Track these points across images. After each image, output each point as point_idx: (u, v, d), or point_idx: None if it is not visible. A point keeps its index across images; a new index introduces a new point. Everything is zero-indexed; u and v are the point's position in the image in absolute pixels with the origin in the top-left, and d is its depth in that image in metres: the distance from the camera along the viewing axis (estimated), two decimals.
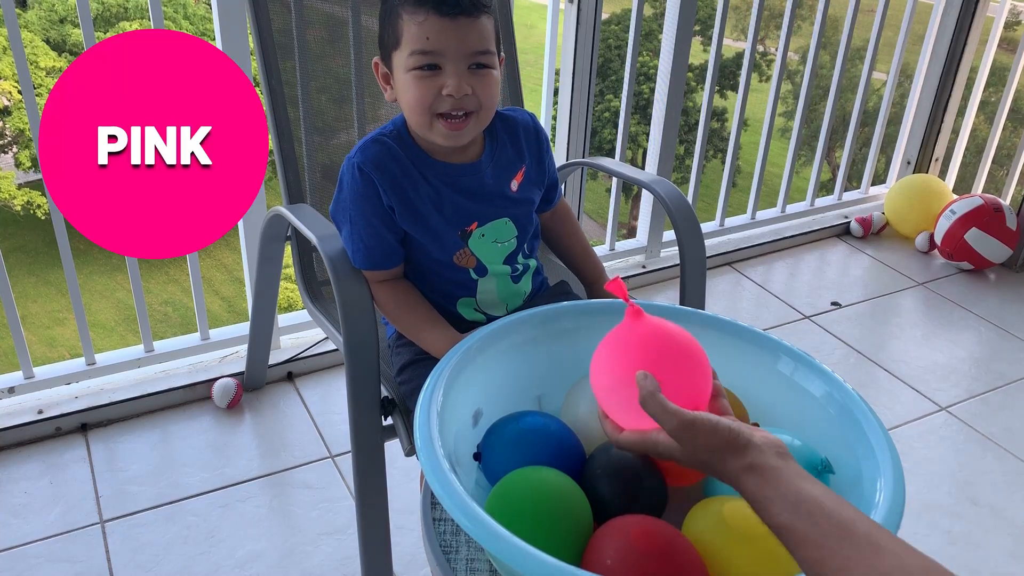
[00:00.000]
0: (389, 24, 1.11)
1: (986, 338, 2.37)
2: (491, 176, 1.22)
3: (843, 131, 2.96)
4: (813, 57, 2.64)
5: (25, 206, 12.94)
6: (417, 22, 1.07)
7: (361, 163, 1.16)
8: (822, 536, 0.65)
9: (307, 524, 1.66)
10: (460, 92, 1.09)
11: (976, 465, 1.91)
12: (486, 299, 1.25)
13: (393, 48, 1.12)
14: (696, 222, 1.53)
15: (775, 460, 0.71)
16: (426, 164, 1.18)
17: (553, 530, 0.80)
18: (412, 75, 1.10)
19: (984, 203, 2.63)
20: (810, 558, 0.65)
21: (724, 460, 0.72)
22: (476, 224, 1.21)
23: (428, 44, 1.07)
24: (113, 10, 13.99)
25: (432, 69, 1.09)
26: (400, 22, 1.09)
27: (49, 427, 1.81)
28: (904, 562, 0.62)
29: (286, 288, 10.13)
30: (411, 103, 1.12)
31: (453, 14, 1.07)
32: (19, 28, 1.65)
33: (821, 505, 0.67)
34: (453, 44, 1.08)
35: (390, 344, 1.34)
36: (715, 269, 2.61)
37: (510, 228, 1.24)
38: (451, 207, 1.19)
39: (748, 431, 0.73)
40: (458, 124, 1.12)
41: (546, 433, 0.91)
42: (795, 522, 0.66)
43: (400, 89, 1.13)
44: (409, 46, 1.09)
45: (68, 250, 1.81)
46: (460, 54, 1.09)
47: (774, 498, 0.68)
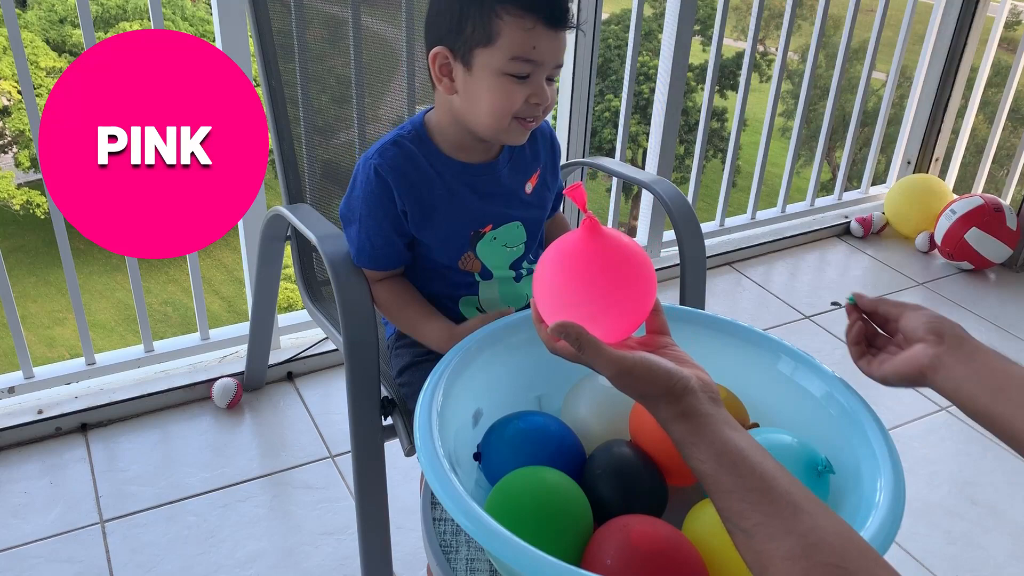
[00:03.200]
0: (479, 18, 1.06)
1: (986, 338, 2.37)
2: (507, 177, 1.22)
3: (843, 131, 2.96)
4: (813, 57, 2.64)
5: (25, 206, 12.95)
6: (525, 29, 1.05)
7: (379, 165, 1.15)
8: (744, 489, 0.66)
9: (307, 524, 1.66)
10: (546, 101, 1.11)
11: (976, 465, 1.91)
12: (489, 299, 1.25)
13: (481, 44, 1.07)
14: (696, 222, 1.53)
15: (707, 407, 0.71)
16: (444, 164, 1.18)
17: (553, 530, 0.80)
18: (505, 80, 1.07)
19: (984, 203, 2.63)
20: (730, 509, 0.66)
21: (657, 405, 0.72)
22: (490, 226, 1.21)
23: (534, 53, 1.06)
24: (113, 11, 13.99)
25: (526, 78, 1.08)
26: (498, 21, 1.05)
27: (49, 427, 1.81)
28: (819, 522, 0.63)
29: (286, 288, 10.14)
30: (496, 106, 1.10)
31: (559, 27, 1.07)
32: (19, 28, 1.65)
33: (745, 457, 0.67)
34: (552, 55, 1.08)
35: (390, 345, 1.34)
36: (715, 269, 2.61)
37: (520, 233, 1.24)
38: (466, 208, 1.19)
39: (685, 377, 0.72)
40: (531, 124, 1.14)
41: (546, 433, 0.91)
42: (718, 471, 0.67)
43: (481, 88, 1.09)
44: (509, 50, 1.06)
45: (68, 250, 1.81)
46: (551, 65, 1.09)
47: (700, 444, 0.69)
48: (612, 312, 0.76)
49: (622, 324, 0.77)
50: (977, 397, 0.78)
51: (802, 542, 0.62)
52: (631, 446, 0.90)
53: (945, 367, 0.81)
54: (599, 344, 0.73)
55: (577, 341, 0.73)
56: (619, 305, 0.76)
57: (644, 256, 0.78)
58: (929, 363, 0.82)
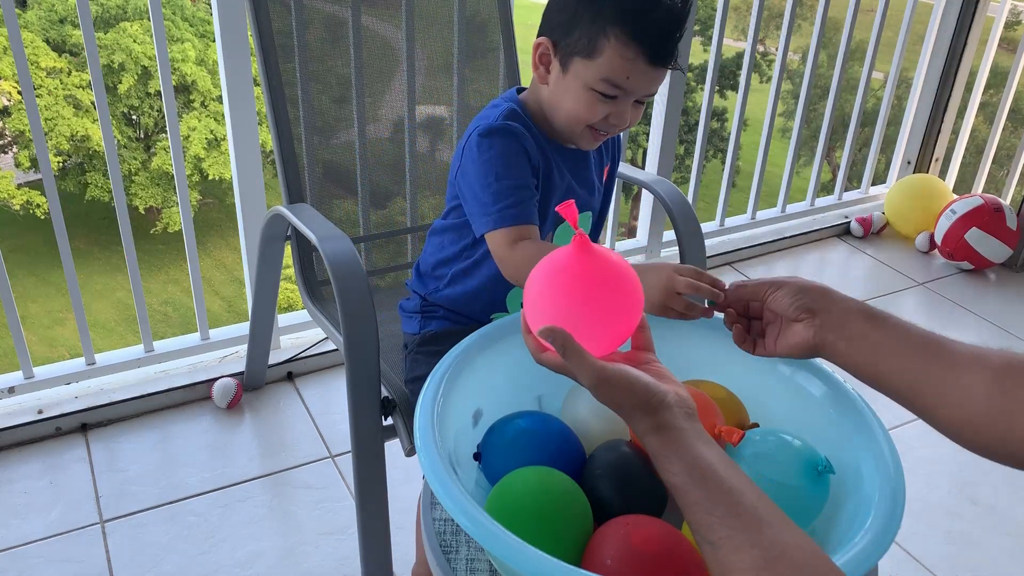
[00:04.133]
0: (589, 28, 1.07)
1: (986, 338, 2.37)
2: (595, 166, 1.25)
3: (843, 131, 2.96)
4: (813, 57, 2.63)
5: (25, 206, 12.94)
6: (625, 57, 1.05)
7: (508, 128, 1.13)
8: (711, 503, 0.67)
9: (307, 524, 1.66)
10: (624, 125, 1.12)
11: (976, 465, 1.91)
12: None
13: (582, 54, 1.08)
14: (696, 222, 1.53)
15: (682, 421, 0.72)
16: (550, 144, 1.18)
17: (553, 530, 0.80)
18: (592, 95, 1.09)
19: (984, 203, 2.63)
20: (699, 523, 0.67)
21: (634, 417, 0.73)
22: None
23: (627, 83, 1.07)
24: (113, 11, 13.99)
25: (613, 99, 1.09)
26: (604, 39, 1.06)
27: (49, 427, 1.81)
28: (783, 537, 0.64)
29: (286, 288, 10.14)
30: (575, 114, 1.12)
31: (658, 65, 1.07)
32: (19, 28, 1.65)
33: (715, 471, 0.68)
34: (643, 87, 1.09)
35: (408, 344, 1.32)
36: (715, 269, 2.61)
37: (588, 224, 1.27)
38: (564, 191, 1.20)
39: (662, 392, 0.73)
40: (604, 136, 1.16)
41: (546, 433, 0.91)
42: (689, 484, 0.68)
43: (566, 90, 1.11)
44: (604, 70, 1.07)
45: (68, 250, 1.81)
46: (642, 94, 1.11)
47: (672, 458, 0.70)
48: (598, 327, 0.77)
49: (608, 339, 0.78)
50: (860, 367, 0.83)
51: (765, 555, 0.63)
52: (631, 446, 0.90)
53: (827, 344, 0.84)
54: (583, 352, 0.74)
55: (563, 346, 0.74)
56: (606, 320, 0.78)
57: (633, 274, 0.79)
58: (813, 343, 0.85)
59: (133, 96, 13.79)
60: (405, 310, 1.35)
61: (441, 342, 1.26)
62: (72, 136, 13.22)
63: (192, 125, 13.53)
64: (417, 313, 1.32)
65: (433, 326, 1.29)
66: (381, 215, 1.72)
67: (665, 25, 1.05)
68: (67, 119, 13.12)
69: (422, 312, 1.31)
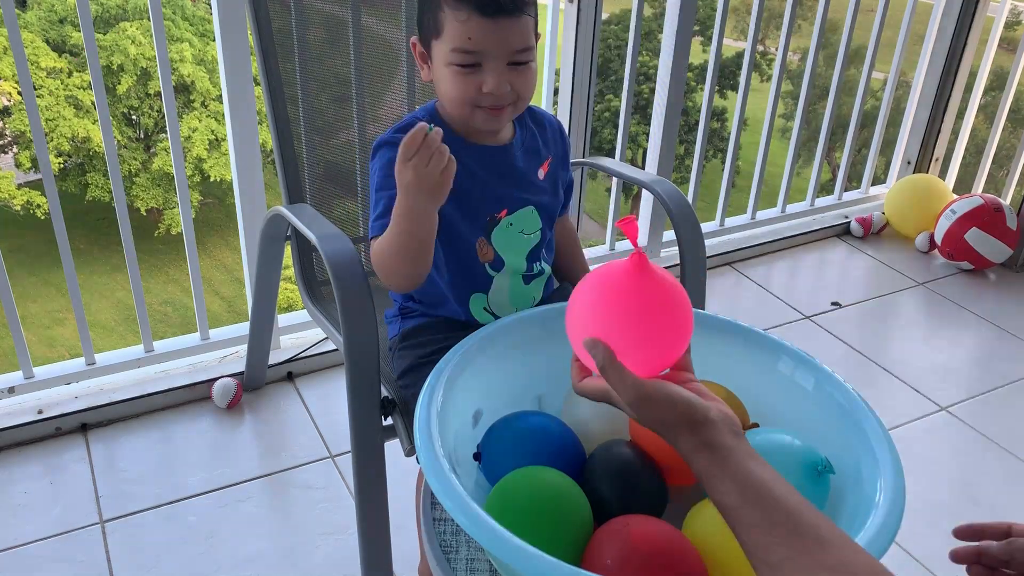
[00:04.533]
0: (429, 10, 1.10)
1: (986, 338, 2.37)
2: (521, 160, 1.23)
3: (843, 131, 2.96)
4: (813, 57, 2.64)
5: (25, 206, 12.95)
6: (460, 20, 1.06)
7: (396, 139, 1.11)
8: (769, 523, 0.65)
9: (307, 524, 1.66)
10: (500, 91, 1.09)
11: (976, 465, 1.91)
12: (497, 299, 1.25)
13: (432, 36, 1.11)
14: (696, 222, 1.53)
15: (729, 439, 0.70)
16: (462, 146, 1.17)
17: (553, 530, 0.80)
18: (452, 70, 1.09)
19: (984, 203, 2.63)
20: (755, 543, 0.65)
21: (678, 435, 0.71)
22: (506, 212, 1.21)
23: (470, 44, 1.07)
24: (113, 11, 13.98)
25: (472, 67, 1.08)
26: (441, 14, 1.08)
27: (49, 427, 1.81)
28: (849, 557, 0.63)
29: (286, 288, 10.13)
30: (451, 96, 1.12)
31: (496, 15, 1.06)
32: (19, 28, 1.65)
33: (770, 490, 0.67)
34: (495, 44, 1.07)
35: (392, 347, 1.34)
36: (715, 269, 2.61)
37: (535, 219, 1.24)
38: (484, 190, 1.19)
39: (704, 407, 0.72)
40: (497, 111, 1.13)
41: (546, 433, 0.91)
42: (742, 505, 0.67)
43: (438, 78, 1.13)
44: (450, 42, 1.08)
45: (68, 250, 1.81)
46: (501, 53, 1.08)
47: (723, 477, 0.68)
48: (645, 347, 0.76)
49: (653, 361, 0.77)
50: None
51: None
52: (631, 446, 0.90)
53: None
54: (622, 368, 0.73)
55: (603, 360, 0.73)
56: (653, 342, 0.76)
57: (686, 299, 0.78)
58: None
59: (133, 96, 13.79)
60: (388, 318, 1.36)
61: (419, 334, 1.27)
62: (73, 137, 13.23)
63: (193, 125, 13.53)
64: (396, 317, 1.33)
65: (410, 322, 1.31)
66: None
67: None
68: (68, 120, 13.12)
69: (401, 315, 1.32)
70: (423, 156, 0.97)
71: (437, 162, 0.98)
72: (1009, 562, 0.85)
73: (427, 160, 0.98)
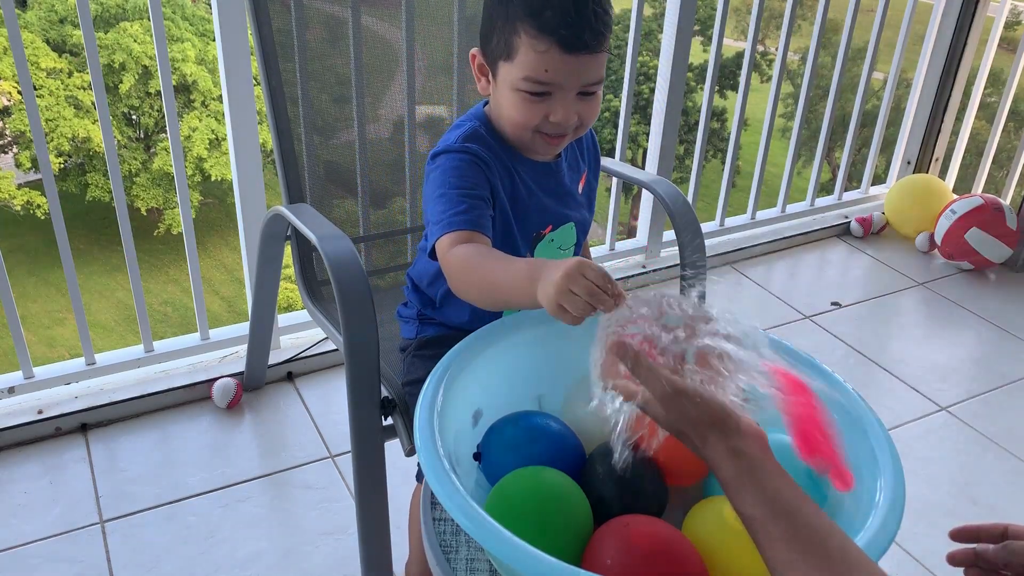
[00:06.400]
0: (503, 30, 1.05)
1: (986, 338, 2.37)
2: (567, 177, 1.21)
3: (843, 131, 2.96)
4: (813, 57, 2.64)
5: (25, 206, 12.95)
6: (538, 50, 1.02)
7: (470, 148, 1.10)
8: (797, 540, 0.65)
9: (307, 524, 1.66)
10: (567, 122, 1.07)
11: (976, 465, 1.91)
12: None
13: (502, 57, 1.06)
14: (696, 222, 1.53)
15: (758, 451, 0.71)
16: (516, 160, 1.15)
17: (553, 530, 0.80)
18: (521, 96, 1.06)
19: (984, 203, 2.63)
20: (781, 559, 0.66)
21: (706, 437, 0.71)
22: (550, 228, 1.19)
23: (545, 76, 1.03)
24: (113, 11, 13.98)
25: (542, 96, 1.05)
26: (517, 38, 1.03)
27: (49, 427, 1.81)
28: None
29: (286, 288, 10.14)
30: (514, 120, 1.09)
31: (577, 52, 1.02)
32: (19, 28, 1.65)
33: (799, 508, 0.67)
34: (570, 78, 1.04)
35: (405, 348, 1.31)
36: (715, 269, 2.61)
37: (572, 234, 1.22)
38: (534, 207, 1.16)
39: (738, 416, 0.72)
40: (558, 140, 1.11)
41: (546, 433, 0.91)
42: (768, 519, 0.67)
43: (502, 98, 1.09)
44: (523, 69, 1.04)
45: (68, 250, 1.81)
46: (573, 86, 1.05)
47: (751, 488, 0.68)
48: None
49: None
50: None
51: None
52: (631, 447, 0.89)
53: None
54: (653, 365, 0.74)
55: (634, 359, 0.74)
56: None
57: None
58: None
59: (133, 96, 13.80)
60: (403, 316, 1.34)
61: (437, 346, 1.25)
62: (73, 137, 13.23)
63: (193, 125, 13.53)
64: (414, 319, 1.31)
65: (430, 331, 1.29)
66: (381, 215, 1.72)
67: (571, 11, 1.00)
68: (68, 120, 13.12)
69: (419, 319, 1.30)
70: (588, 305, 0.82)
71: (588, 311, 0.83)
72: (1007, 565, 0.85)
73: (588, 310, 0.83)
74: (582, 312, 0.82)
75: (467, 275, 1.02)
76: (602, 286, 0.82)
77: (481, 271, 1.00)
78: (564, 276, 0.82)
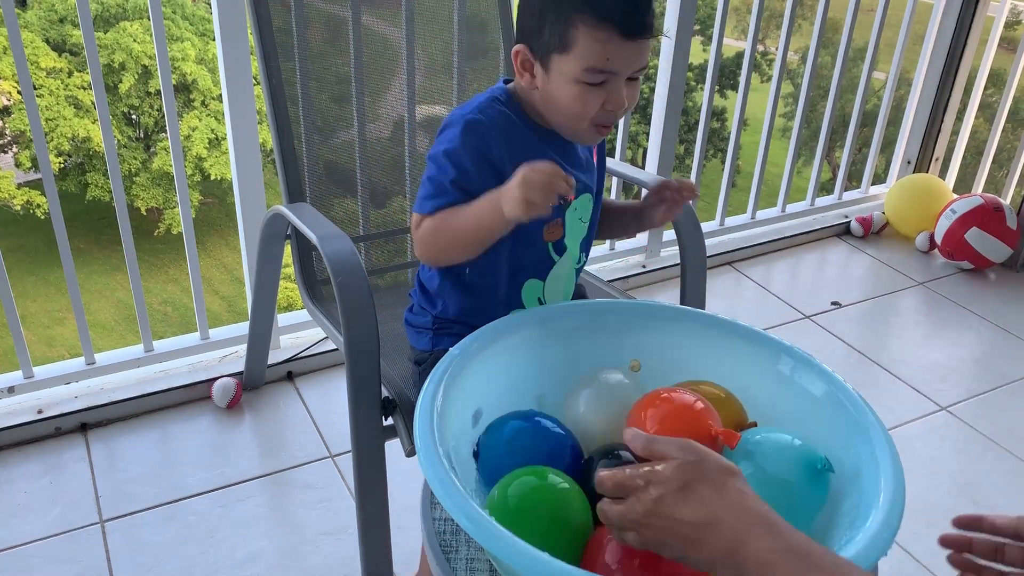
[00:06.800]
0: (555, 24, 1.07)
1: (986, 338, 2.37)
2: (582, 147, 1.23)
3: (843, 131, 2.96)
4: (813, 57, 2.64)
5: (25, 206, 12.95)
6: (599, 40, 1.05)
7: (475, 120, 1.13)
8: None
9: (307, 524, 1.66)
10: (622, 108, 1.10)
11: (976, 465, 1.91)
12: (554, 286, 1.22)
13: (557, 50, 1.08)
14: (696, 222, 1.53)
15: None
16: (540, 132, 1.17)
17: (553, 530, 0.80)
18: (580, 87, 1.08)
19: (984, 202, 2.63)
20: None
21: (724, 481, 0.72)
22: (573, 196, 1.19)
23: (607, 64, 1.06)
24: (113, 11, 13.98)
25: (601, 84, 1.08)
26: (574, 31, 1.06)
27: (49, 427, 1.81)
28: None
29: (286, 288, 10.14)
30: (573, 111, 1.11)
31: (636, 37, 1.06)
32: (19, 28, 1.65)
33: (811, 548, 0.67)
34: (628, 65, 1.08)
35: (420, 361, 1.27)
36: (715, 269, 2.61)
37: (590, 206, 1.24)
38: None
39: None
40: (608, 128, 1.14)
41: (544, 433, 0.91)
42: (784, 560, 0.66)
43: (558, 91, 1.11)
44: (584, 60, 1.06)
45: (68, 250, 1.81)
46: (629, 71, 1.09)
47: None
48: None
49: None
50: None
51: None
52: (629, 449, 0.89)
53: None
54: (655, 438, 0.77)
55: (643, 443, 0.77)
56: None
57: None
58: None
59: (133, 96, 13.79)
60: (413, 325, 1.29)
61: None
62: (73, 137, 13.23)
63: (193, 124, 13.53)
64: (428, 330, 1.27)
65: (446, 343, 1.20)
66: (381, 214, 1.72)
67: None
68: (68, 120, 13.12)
69: (434, 329, 1.26)
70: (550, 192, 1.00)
71: (552, 196, 1.00)
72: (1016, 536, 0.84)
73: (552, 197, 1.00)
74: (547, 200, 0.99)
75: (439, 236, 1.12)
76: (553, 173, 0.99)
77: (450, 225, 1.11)
78: (520, 181, 1.00)
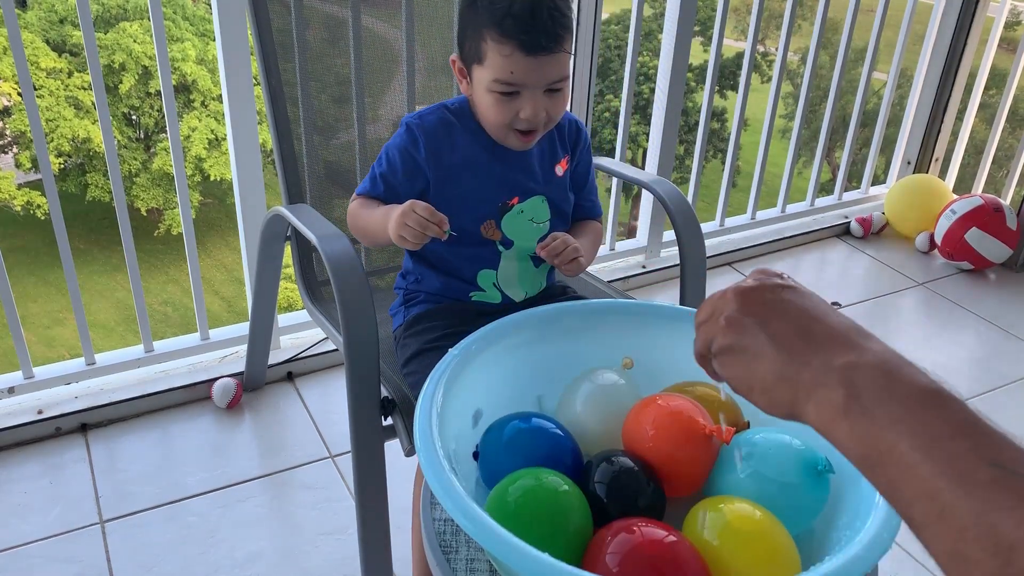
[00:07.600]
0: (472, 37, 1.17)
1: (986, 338, 2.37)
2: (536, 157, 1.30)
3: (843, 131, 2.96)
4: (813, 57, 2.64)
5: (25, 206, 12.94)
6: (502, 54, 1.14)
7: (413, 123, 1.25)
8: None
9: (307, 524, 1.66)
10: (536, 118, 1.18)
11: None
12: (506, 276, 1.30)
13: (474, 61, 1.18)
14: (696, 222, 1.53)
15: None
16: (482, 137, 1.26)
17: (553, 531, 0.80)
18: (493, 96, 1.18)
19: (984, 203, 2.63)
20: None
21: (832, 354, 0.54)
22: (517, 199, 1.28)
23: (511, 77, 1.15)
24: (113, 11, 13.98)
25: (511, 95, 1.17)
26: (484, 44, 1.15)
27: (49, 427, 1.81)
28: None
29: (286, 288, 10.13)
30: (490, 119, 1.21)
31: (537, 54, 1.13)
32: (19, 28, 1.65)
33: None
34: (534, 78, 1.16)
35: (397, 336, 1.35)
36: (715, 269, 2.61)
37: (545, 209, 1.30)
38: (494, 177, 1.26)
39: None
40: (530, 137, 1.22)
41: (544, 434, 0.90)
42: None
43: (478, 99, 1.21)
44: (492, 72, 1.16)
45: (68, 250, 1.81)
46: (539, 84, 1.16)
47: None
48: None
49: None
50: None
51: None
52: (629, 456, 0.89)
53: None
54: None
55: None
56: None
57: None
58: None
59: (133, 96, 13.79)
60: (392, 312, 1.39)
61: (424, 321, 1.31)
62: (73, 137, 13.23)
63: (193, 125, 13.53)
64: (401, 307, 1.37)
65: (416, 309, 1.34)
66: None
67: (529, 18, 1.11)
68: (68, 120, 13.12)
69: (405, 303, 1.36)
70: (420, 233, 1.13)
71: (422, 238, 1.13)
72: None
73: (423, 236, 1.13)
74: (417, 239, 1.13)
75: (352, 222, 1.29)
76: (428, 217, 1.11)
77: (358, 219, 1.27)
78: (400, 215, 1.13)
